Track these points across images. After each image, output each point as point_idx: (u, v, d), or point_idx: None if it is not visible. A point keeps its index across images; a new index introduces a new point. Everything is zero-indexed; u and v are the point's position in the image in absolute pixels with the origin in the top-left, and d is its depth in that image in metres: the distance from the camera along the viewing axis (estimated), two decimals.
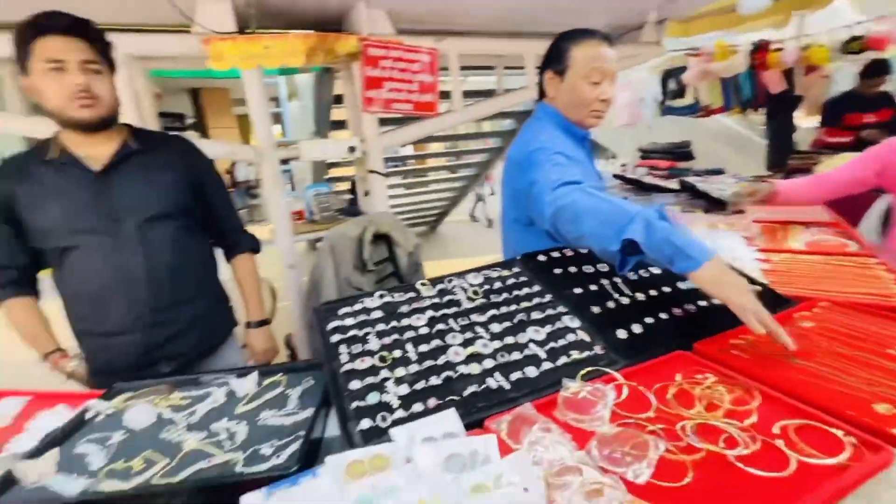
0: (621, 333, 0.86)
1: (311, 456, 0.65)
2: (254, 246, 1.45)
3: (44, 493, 0.61)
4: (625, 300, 0.95)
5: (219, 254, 1.43)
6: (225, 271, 1.43)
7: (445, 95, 2.73)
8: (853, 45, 3.34)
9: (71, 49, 1.05)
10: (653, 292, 0.98)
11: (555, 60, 1.30)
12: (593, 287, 0.99)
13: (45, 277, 1.26)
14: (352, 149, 2.41)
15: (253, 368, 0.87)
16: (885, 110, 3.33)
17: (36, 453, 0.67)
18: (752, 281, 1.04)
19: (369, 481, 0.54)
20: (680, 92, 4.61)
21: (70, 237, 1.13)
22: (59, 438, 0.72)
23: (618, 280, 1.01)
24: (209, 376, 0.87)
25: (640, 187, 2.58)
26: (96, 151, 1.15)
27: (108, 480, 0.63)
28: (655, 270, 1.05)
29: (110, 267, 1.15)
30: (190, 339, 1.25)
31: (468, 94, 3.95)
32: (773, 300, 0.98)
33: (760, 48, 3.66)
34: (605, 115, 1.30)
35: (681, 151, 3.64)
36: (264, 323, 1.43)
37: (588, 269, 1.05)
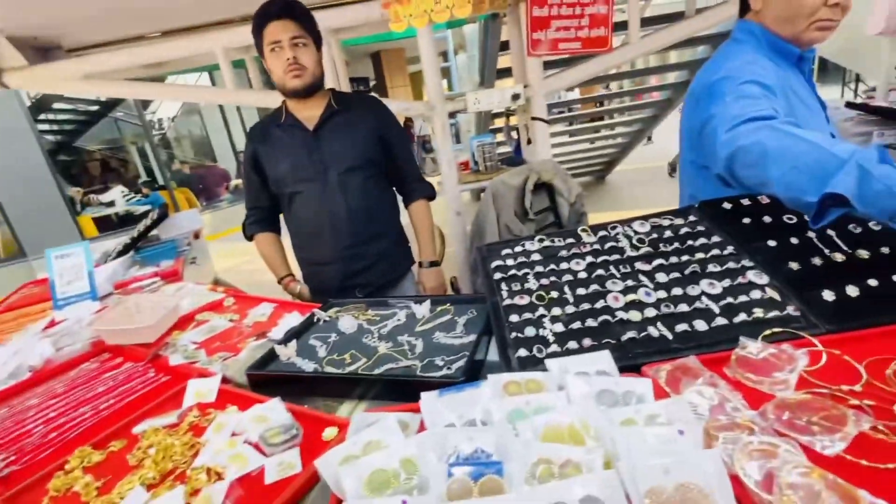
0: (828, 295, 0.73)
1: (474, 372, 0.75)
2: (429, 193, 1.62)
3: (292, 367, 0.86)
4: (839, 257, 0.79)
5: (400, 201, 1.64)
6: (404, 216, 1.64)
7: (622, 26, 2.45)
8: None
9: (284, 30, 1.29)
10: (885, 250, 0.78)
11: None
12: (794, 240, 0.83)
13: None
14: (515, 96, 2.40)
15: (427, 297, 1.02)
16: None
17: (285, 341, 0.93)
18: None
19: (524, 398, 0.60)
20: None
21: (294, 185, 1.44)
22: (298, 332, 0.98)
23: (832, 233, 0.83)
24: (394, 300, 1.05)
25: (889, 118, 1.96)
26: (311, 114, 1.41)
27: (329, 367, 0.84)
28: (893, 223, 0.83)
29: (321, 208, 1.44)
30: (377, 271, 1.50)
31: (651, 21, 3.46)
32: None
33: None
34: (836, 25, 1.01)
35: None
36: (435, 264, 1.62)
37: (790, 218, 0.88)
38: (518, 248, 0.96)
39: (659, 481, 0.44)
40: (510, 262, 0.94)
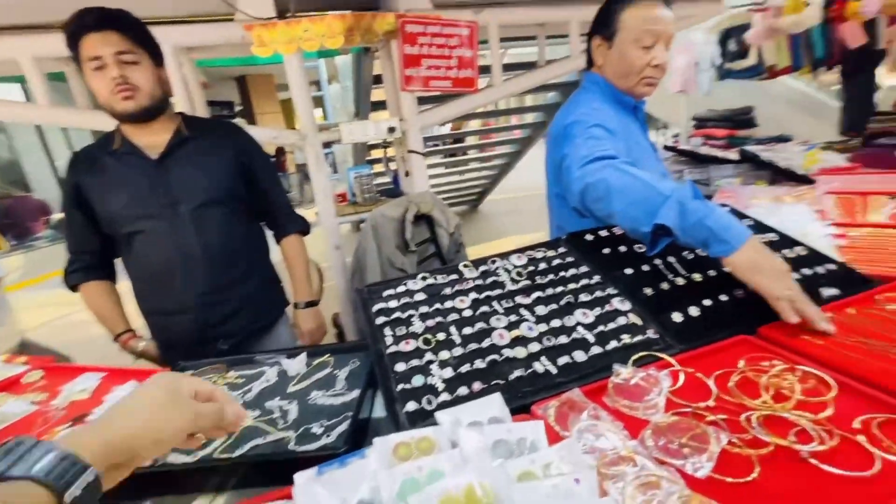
0: (677, 317, 0.81)
1: (358, 436, 0.67)
2: (302, 227, 1.49)
3: None
4: (680, 281, 0.90)
5: (270, 236, 1.48)
6: (276, 253, 1.48)
7: (485, 70, 2.65)
8: None
9: (106, 43, 1.08)
10: (712, 272, 0.91)
11: (603, 24, 1.21)
12: (645, 267, 0.93)
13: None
14: (391, 129, 2.40)
15: (302, 349, 0.90)
16: None
17: None
18: (824, 259, 0.95)
19: (416, 464, 0.54)
20: (741, 53, 4.22)
21: (134, 222, 1.20)
22: None
23: (672, 260, 0.95)
24: (262, 356, 0.91)
25: (694, 159, 2.41)
26: (153, 140, 1.20)
27: (174, 454, 0.67)
28: None
29: (170, 249, 1.22)
30: (243, 318, 1.31)
31: (509, 67, 3.82)
32: (850, 280, 0.89)
33: None
34: (658, 82, 1.20)
35: (741, 118, 3.37)
36: (312, 304, 1.48)
37: (640, 248, 0.99)
38: (401, 288, 0.92)
39: None
40: (393, 303, 0.88)
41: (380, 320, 0.84)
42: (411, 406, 0.67)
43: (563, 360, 0.73)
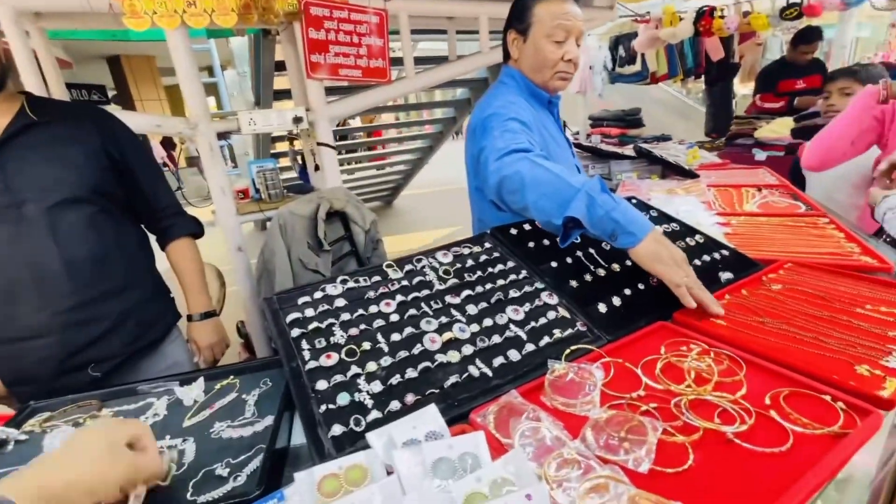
0: (601, 307, 0.83)
1: (274, 473, 0.57)
2: (194, 230, 1.29)
3: None
4: (601, 272, 0.92)
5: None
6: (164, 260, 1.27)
7: (397, 62, 2.57)
8: (790, 12, 3.46)
9: None
10: (629, 262, 0.95)
11: (517, 18, 1.21)
12: (569, 260, 0.94)
13: None
14: (297, 119, 2.23)
15: (199, 373, 0.77)
16: (815, 76, 3.51)
17: None
18: (719, 245, 1.04)
19: (347, 500, 0.47)
20: (629, 59, 4.64)
21: None
22: None
23: (593, 251, 0.97)
24: (146, 385, 0.76)
25: (596, 154, 2.58)
26: None
27: None
28: None
29: (15, 260, 0.98)
30: (120, 337, 1.10)
31: (420, 61, 3.77)
32: (741, 263, 0.98)
33: (706, 14, 3.72)
34: (571, 76, 1.23)
35: (631, 119, 3.69)
36: (210, 314, 1.30)
37: None
38: (318, 294, 0.82)
39: None
40: (309, 311, 0.78)
41: (295, 332, 0.74)
42: (337, 429, 0.59)
43: (497, 360, 0.70)
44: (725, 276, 0.94)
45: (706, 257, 0.99)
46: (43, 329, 1.01)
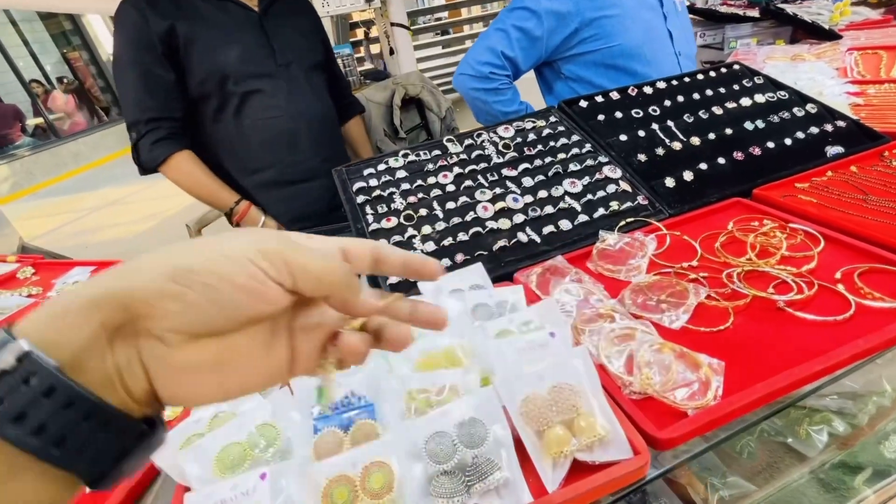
0: (669, 182, 0.78)
1: None
2: (363, 109, 1.44)
3: None
4: (677, 145, 0.84)
5: None
6: None
7: None
8: None
9: None
10: (711, 136, 0.85)
11: None
12: (641, 133, 0.87)
13: None
14: None
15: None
16: None
17: None
18: (832, 116, 0.88)
19: None
20: None
21: (250, 81, 1.06)
22: None
23: (670, 124, 0.89)
24: None
25: (709, 18, 2.16)
26: None
27: None
28: (717, 111, 0.91)
29: (293, 113, 1.11)
30: None
31: None
32: (857, 137, 0.84)
33: None
34: None
35: None
36: None
37: (637, 113, 0.92)
38: (381, 167, 0.87)
39: (534, 388, 0.43)
40: (373, 181, 0.84)
41: (360, 199, 0.81)
42: (394, 279, 0.67)
43: (547, 229, 0.72)
44: (834, 150, 0.82)
45: (813, 129, 0.85)
46: (317, 172, 1.15)
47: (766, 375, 0.44)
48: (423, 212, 0.77)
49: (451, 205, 0.77)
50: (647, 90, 0.97)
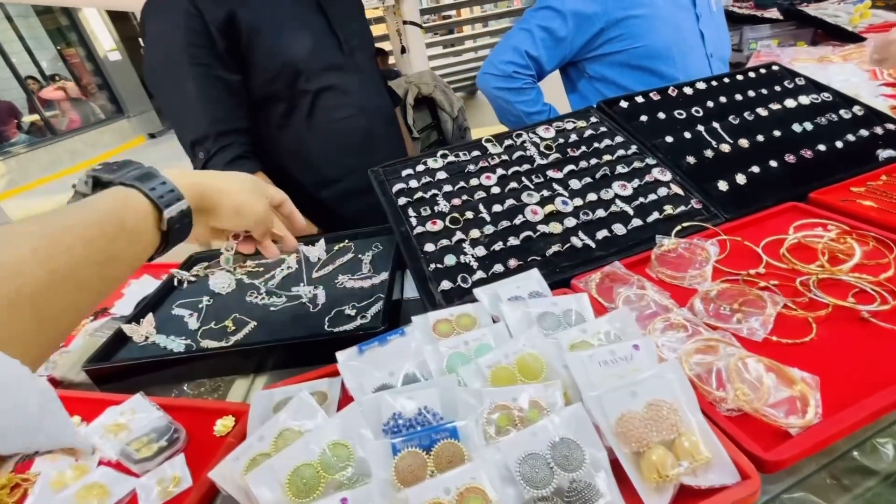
0: (721, 185, 0.75)
1: (394, 316, 0.65)
2: (399, 101, 1.34)
3: (153, 349, 0.66)
4: (725, 148, 0.82)
5: None
6: None
7: None
8: None
9: None
10: (760, 138, 0.83)
11: None
12: (687, 135, 0.85)
13: None
14: None
15: (319, 235, 0.86)
16: None
17: (136, 316, 0.71)
18: (881, 118, 0.86)
19: (461, 339, 0.52)
20: None
21: (322, 76, 0.90)
22: (154, 303, 0.76)
23: (716, 125, 0.86)
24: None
25: (728, 20, 2.15)
26: None
27: (207, 341, 0.66)
28: (762, 112, 0.89)
29: (368, 108, 0.97)
30: None
31: None
32: None
33: None
34: None
35: None
36: None
37: (680, 114, 0.90)
38: (420, 167, 0.84)
39: (628, 406, 0.40)
40: (413, 183, 0.81)
41: (402, 201, 0.78)
42: (446, 285, 0.64)
43: (601, 233, 0.69)
44: (886, 153, 0.80)
45: (863, 132, 0.83)
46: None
47: (863, 390, 0.42)
48: (469, 214, 0.74)
49: (497, 207, 0.74)
50: (688, 91, 0.95)
